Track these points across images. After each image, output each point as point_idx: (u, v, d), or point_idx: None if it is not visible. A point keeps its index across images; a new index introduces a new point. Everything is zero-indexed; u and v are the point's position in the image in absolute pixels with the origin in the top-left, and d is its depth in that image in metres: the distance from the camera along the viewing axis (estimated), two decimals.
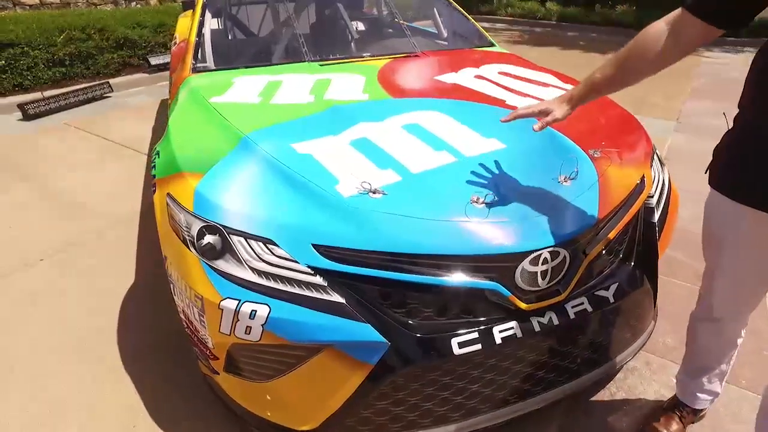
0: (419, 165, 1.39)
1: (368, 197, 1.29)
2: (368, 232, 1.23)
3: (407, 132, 1.55)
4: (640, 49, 1.11)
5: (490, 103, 1.81)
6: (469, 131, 1.57)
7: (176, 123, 1.73)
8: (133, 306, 2.10)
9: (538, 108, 1.29)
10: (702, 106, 5.08)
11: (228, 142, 1.54)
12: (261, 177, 1.38)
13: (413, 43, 2.44)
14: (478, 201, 1.30)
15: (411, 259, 1.22)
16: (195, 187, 1.37)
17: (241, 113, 1.72)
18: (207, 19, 2.43)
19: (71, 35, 5.33)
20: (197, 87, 1.96)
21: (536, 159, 1.50)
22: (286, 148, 1.48)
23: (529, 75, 2.17)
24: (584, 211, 1.38)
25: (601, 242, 1.40)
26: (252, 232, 1.26)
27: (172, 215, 1.40)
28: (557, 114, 1.26)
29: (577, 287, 1.36)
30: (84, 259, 2.43)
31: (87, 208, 2.92)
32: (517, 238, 1.25)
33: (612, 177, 1.52)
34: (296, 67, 2.18)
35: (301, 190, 1.32)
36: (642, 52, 1.11)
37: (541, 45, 8.44)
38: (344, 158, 1.43)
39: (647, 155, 1.72)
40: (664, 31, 1.06)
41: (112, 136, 4.13)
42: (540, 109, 1.28)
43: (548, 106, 1.28)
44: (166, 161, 1.55)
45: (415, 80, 2.05)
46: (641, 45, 1.11)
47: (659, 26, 1.08)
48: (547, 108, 1.28)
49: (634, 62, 1.15)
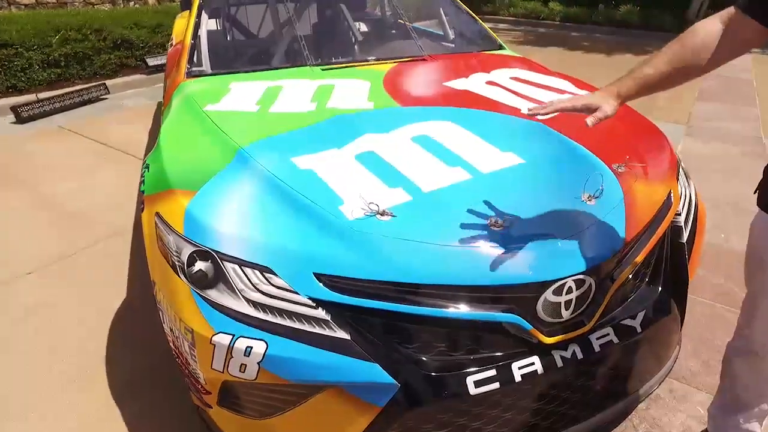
0: (431, 183, 1.28)
1: (376, 220, 1.17)
2: (376, 259, 1.12)
3: (417, 145, 1.44)
4: (694, 48, 0.99)
5: (504, 111, 1.69)
6: (484, 144, 1.46)
7: (168, 133, 1.62)
8: (125, 326, 1.99)
9: (581, 102, 1.11)
10: (712, 108, 4.96)
11: (223, 156, 1.42)
12: (258, 196, 1.27)
13: (420, 45, 2.32)
14: (496, 224, 1.19)
15: (423, 290, 1.11)
16: (186, 206, 1.26)
17: (238, 123, 1.61)
18: (203, 21, 2.31)
19: (67, 36, 5.21)
20: (191, 94, 1.84)
21: (557, 175, 1.38)
22: (285, 162, 1.37)
23: (542, 80, 2.05)
24: (611, 234, 1.27)
25: (629, 267, 1.28)
26: (247, 259, 1.14)
27: (160, 237, 1.29)
28: (607, 110, 1.08)
29: (602, 316, 1.25)
30: (76, 273, 2.32)
31: (80, 218, 2.80)
32: (539, 266, 1.14)
33: (638, 194, 1.40)
34: (297, 72, 2.07)
35: (302, 211, 1.21)
36: (696, 52, 0.99)
37: (545, 45, 8.32)
38: (349, 175, 1.32)
39: (672, 168, 1.61)
40: (718, 31, 0.95)
41: (107, 140, 4.01)
42: (583, 103, 1.11)
43: (593, 100, 1.11)
44: (156, 176, 1.43)
45: (423, 87, 1.93)
46: (694, 44, 0.99)
47: (713, 26, 0.97)
48: (592, 102, 1.10)
49: (686, 62, 1.03)
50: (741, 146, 3.96)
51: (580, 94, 1.18)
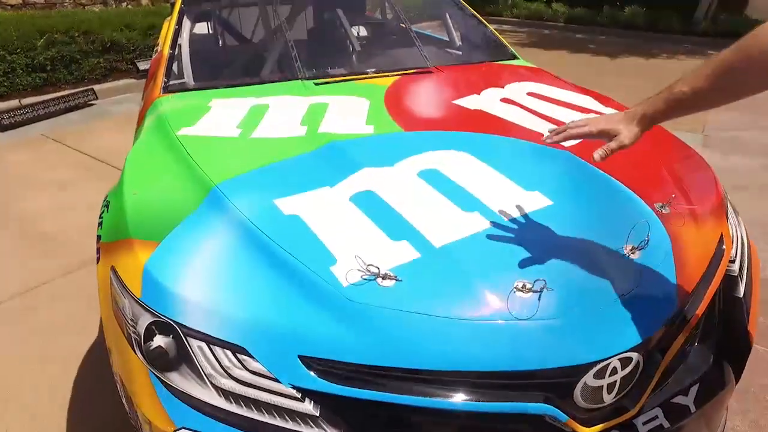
0: (443, 234, 1.05)
1: (376, 285, 0.95)
2: (377, 339, 0.89)
3: (425, 182, 1.21)
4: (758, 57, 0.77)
5: (523, 137, 1.46)
6: (505, 181, 1.23)
7: (133, 164, 1.39)
8: (94, 373, 1.75)
9: (597, 127, 0.95)
10: (727, 116, 4.73)
11: (193, 195, 1.19)
12: (232, 251, 1.04)
13: (425, 56, 2.08)
14: (524, 289, 0.96)
15: (436, 377, 0.89)
16: (144, 263, 1.03)
17: (215, 152, 1.38)
18: (184, 28, 2.08)
19: (53, 38, 4.98)
20: (165, 114, 1.61)
21: (592, 220, 1.16)
22: (267, 205, 1.14)
23: (562, 97, 1.82)
24: (661, 295, 1.05)
25: (682, 335, 1.06)
26: (218, 336, 0.92)
27: (115, 299, 1.06)
28: (624, 138, 0.92)
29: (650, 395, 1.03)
30: (44, 307, 2.09)
31: (50, 242, 2.57)
32: (579, 344, 0.93)
33: (687, 241, 1.18)
34: (287, 87, 1.83)
35: (286, 273, 0.98)
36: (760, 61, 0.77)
37: (550, 48, 8.08)
38: (343, 223, 1.09)
39: (721, 204, 1.39)
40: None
41: (92, 150, 3.78)
42: (600, 128, 0.95)
43: (610, 125, 0.94)
44: (114, 220, 1.21)
45: (430, 106, 1.69)
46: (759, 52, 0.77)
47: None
48: (610, 128, 0.93)
49: (745, 74, 0.80)
50: (763, 159, 3.74)
51: (595, 117, 0.99)
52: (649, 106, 0.91)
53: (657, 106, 0.90)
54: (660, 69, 6.75)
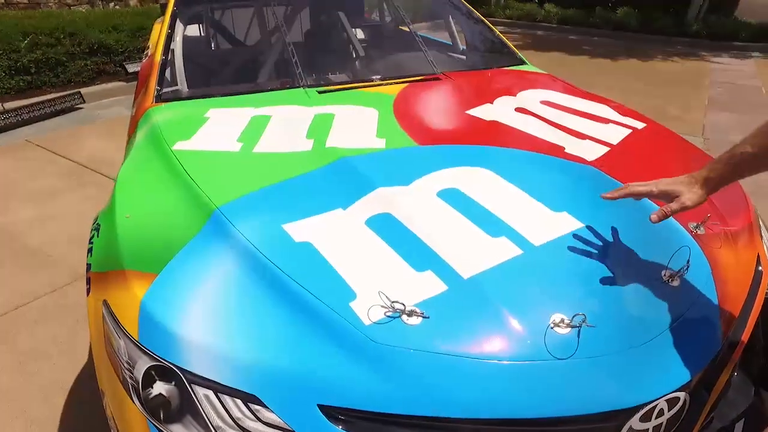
0: (471, 263, 0.96)
1: (401, 324, 0.86)
2: (404, 384, 0.81)
3: (446, 203, 1.11)
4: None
5: (544, 151, 1.38)
6: (530, 200, 1.14)
7: (125, 183, 1.28)
8: (82, 410, 1.62)
9: (658, 187, 0.93)
10: (725, 119, 4.71)
11: (193, 219, 1.09)
12: (239, 284, 0.94)
13: (432, 61, 1.99)
14: (562, 324, 0.88)
15: (470, 427, 0.80)
16: (141, 298, 0.93)
17: (214, 169, 1.27)
18: (177, 33, 1.96)
19: (37, 40, 4.81)
20: (159, 125, 1.50)
21: (626, 244, 1.08)
22: (275, 231, 1.04)
23: (579, 106, 1.75)
24: (705, 326, 0.97)
25: (728, 367, 0.99)
26: (226, 383, 0.82)
27: (109, 338, 0.96)
28: (686, 199, 0.90)
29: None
30: (30, 331, 1.96)
31: (35, 256, 2.43)
32: (623, 385, 0.85)
33: (726, 264, 1.11)
34: (288, 96, 1.73)
35: (300, 310, 0.89)
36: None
37: (546, 50, 8.04)
38: (361, 252, 0.99)
39: (753, 223, 1.32)
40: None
41: (79, 156, 3.64)
42: (660, 189, 0.93)
43: (673, 187, 0.92)
44: (106, 247, 1.10)
45: (443, 116, 1.60)
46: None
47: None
48: (672, 189, 0.92)
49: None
50: None
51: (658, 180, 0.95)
52: (711, 170, 0.90)
53: (718, 169, 0.89)
54: (657, 70, 6.74)
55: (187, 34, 2.20)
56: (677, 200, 0.90)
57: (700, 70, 6.85)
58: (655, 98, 5.32)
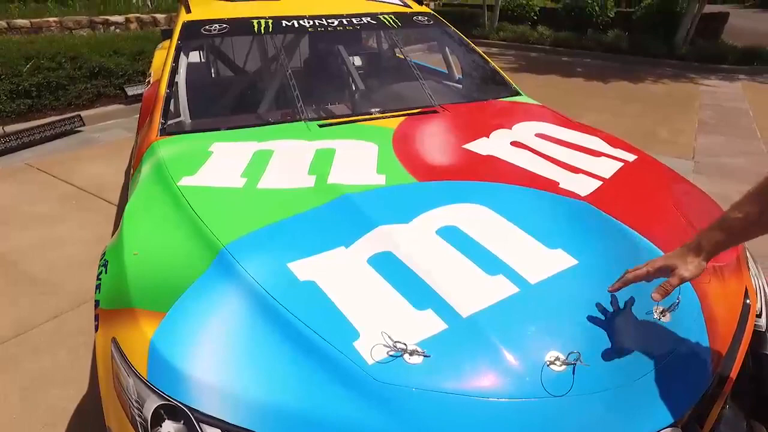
0: (469, 301, 1.00)
1: (404, 363, 0.89)
2: (406, 423, 0.83)
3: (445, 241, 1.15)
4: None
5: (539, 186, 1.42)
6: (526, 237, 1.18)
7: (132, 218, 1.31)
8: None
9: (654, 266, 0.95)
10: (716, 142, 4.81)
11: (200, 257, 1.12)
12: (246, 323, 0.98)
13: (429, 94, 2.06)
14: (557, 362, 0.91)
15: None
16: (151, 337, 0.96)
17: (220, 206, 1.31)
18: (181, 65, 2.02)
19: (39, 64, 4.88)
20: (164, 160, 1.54)
21: None
22: (281, 270, 1.07)
23: (572, 138, 1.80)
24: (696, 361, 1.01)
25: (719, 402, 1.02)
26: (234, 422, 0.85)
27: (117, 376, 0.98)
28: (683, 271, 0.91)
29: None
30: (31, 359, 1.96)
31: (37, 283, 2.44)
32: (619, 422, 0.88)
33: (715, 298, 1.15)
34: (290, 130, 1.78)
35: (306, 349, 0.92)
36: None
37: (539, 72, 8.18)
38: (363, 291, 1.03)
39: (741, 255, 1.36)
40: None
41: (79, 180, 3.67)
42: (656, 267, 0.95)
43: (667, 261, 0.94)
44: (115, 284, 1.13)
45: (440, 151, 1.65)
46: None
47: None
48: (668, 264, 0.93)
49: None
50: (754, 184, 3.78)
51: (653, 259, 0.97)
52: (704, 237, 0.91)
53: (713, 237, 0.90)
54: (648, 93, 6.89)
55: (190, 61, 2.26)
56: (675, 274, 0.91)
57: (689, 92, 6.99)
58: (646, 120, 5.43)
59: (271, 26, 2.11)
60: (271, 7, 2.31)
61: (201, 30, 2.09)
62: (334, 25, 2.18)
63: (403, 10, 2.49)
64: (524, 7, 11.56)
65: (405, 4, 2.61)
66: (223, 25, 2.11)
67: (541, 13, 11.57)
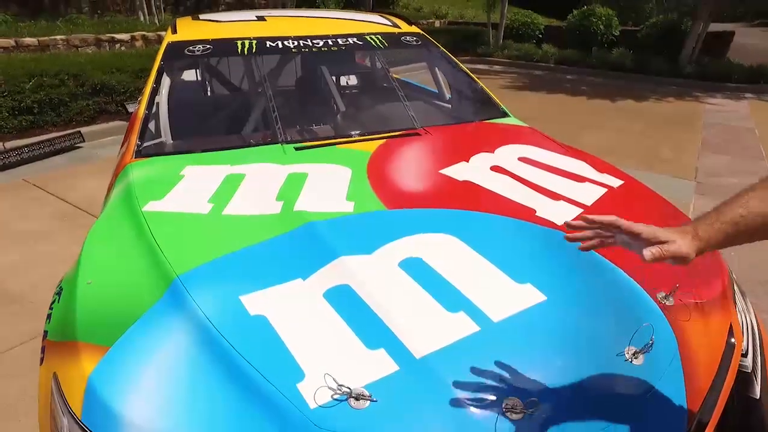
0: (425, 341, 0.94)
1: (348, 408, 0.83)
2: None
3: (407, 275, 1.10)
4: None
5: (514, 214, 1.37)
6: (494, 271, 1.13)
7: (92, 246, 1.27)
8: None
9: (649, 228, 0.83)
10: (719, 162, 4.72)
11: (152, 288, 1.08)
12: (189, 361, 0.93)
13: (413, 116, 2.02)
14: (515, 408, 0.85)
15: None
16: (89, 374, 0.91)
17: (181, 233, 1.27)
18: (163, 86, 2.01)
19: (42, 81, 4.94)
20: (134, 184, 1.51)
21: (589, 318, 1.05)
22: (231, 304, 1.03)
23: (556, 162, 1.75)
24: (669, 410, 0.94)
25: None
26: None
27: (53, 415, 0.93)
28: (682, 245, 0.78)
29: None
30: (10, 387, 1.90)
31: (15, 302, 2.41)
32: None
33: (694, 338, 1.08)
34: (265, 153, 1.74)
35: (249, 391, 0.87)
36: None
37: (544, 90, 8.16)
38: (314, 327, 0.98)
39: (726, 287, 1.29)
40: None
41: (73, 197, 3.67)
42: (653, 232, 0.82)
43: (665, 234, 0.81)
44: (64, 315, 1.09)
45: (415, 177, 1.60)
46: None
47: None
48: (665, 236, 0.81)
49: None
50: None
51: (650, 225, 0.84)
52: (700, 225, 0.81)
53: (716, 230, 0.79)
54: (653, 111, 6.83)
55: (172, 81, 2.25)
56: (673, 244, 0.78)
57: (694, 110, 6.93)
58: (650, 139, 5.36)
59: (255, 47, 2.09)
60: (258, 28, 2.30)
61: (185, 51, 2.08)
62: (319, 46, 2.16)
63: (392, 30, 2.48)
64: (529, 25, 11.62)
65: (394, 24, 2.59)
66: (206, 45, 2.10)
67: (546, 31, 11.63)
